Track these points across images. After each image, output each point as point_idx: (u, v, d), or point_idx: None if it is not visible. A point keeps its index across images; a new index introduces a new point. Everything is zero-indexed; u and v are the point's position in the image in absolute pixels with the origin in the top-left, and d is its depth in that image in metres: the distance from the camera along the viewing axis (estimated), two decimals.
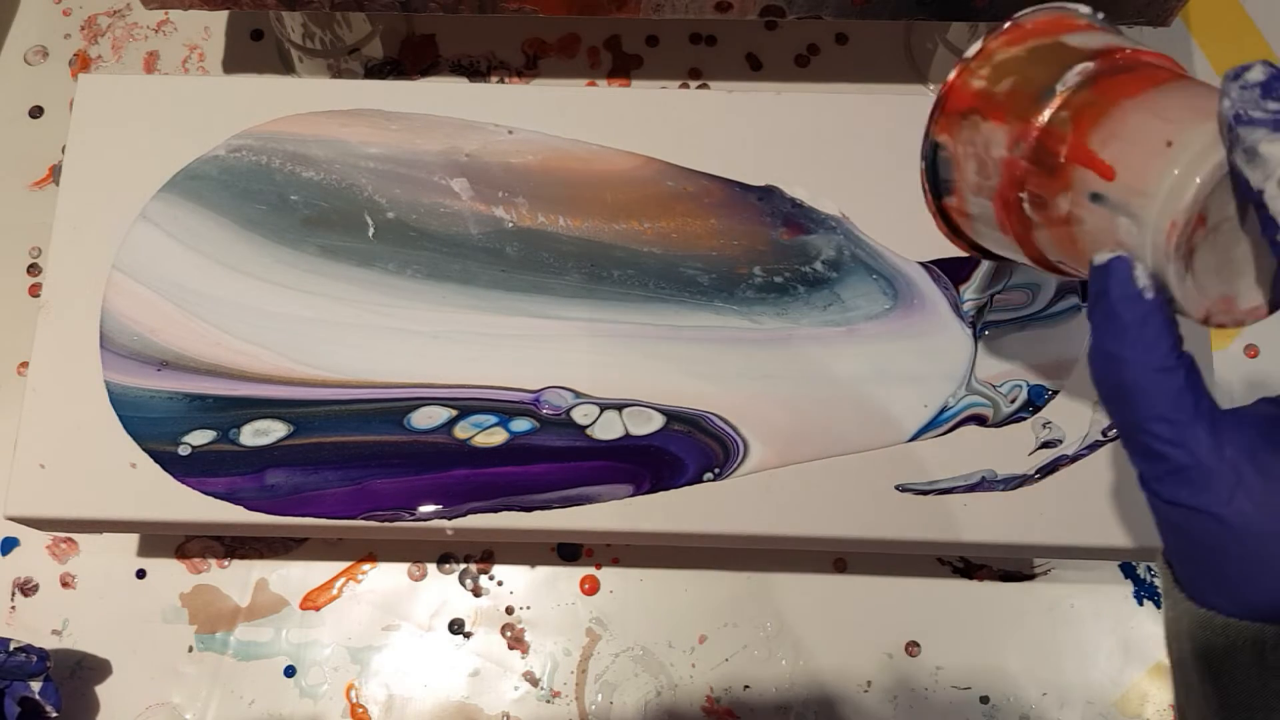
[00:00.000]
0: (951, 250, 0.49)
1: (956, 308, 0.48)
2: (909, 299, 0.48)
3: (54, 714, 0.50)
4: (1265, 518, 0.27)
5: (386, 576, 0.56)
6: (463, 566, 0.56)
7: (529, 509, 0.46)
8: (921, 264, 0.49)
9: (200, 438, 0.46)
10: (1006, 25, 0.33)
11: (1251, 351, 0.59)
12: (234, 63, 0.65)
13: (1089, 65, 0.30)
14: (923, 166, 0.35)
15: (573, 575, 0.56)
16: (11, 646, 0.49)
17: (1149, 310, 0.28)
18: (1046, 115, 0.30)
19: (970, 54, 0.33)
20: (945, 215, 0.36)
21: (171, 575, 0.56)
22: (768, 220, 0.50)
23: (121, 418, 0.46)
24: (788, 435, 0.46)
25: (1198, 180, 0.27)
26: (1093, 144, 0.29)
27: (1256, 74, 0.26)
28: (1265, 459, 0.28)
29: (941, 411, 0.47)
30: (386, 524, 0.46)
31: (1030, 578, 0.56)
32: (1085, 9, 0.33)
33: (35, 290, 0.60)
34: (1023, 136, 0.31)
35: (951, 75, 0.33)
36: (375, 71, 0.64)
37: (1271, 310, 0.30)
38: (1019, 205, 0.32)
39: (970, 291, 0.48)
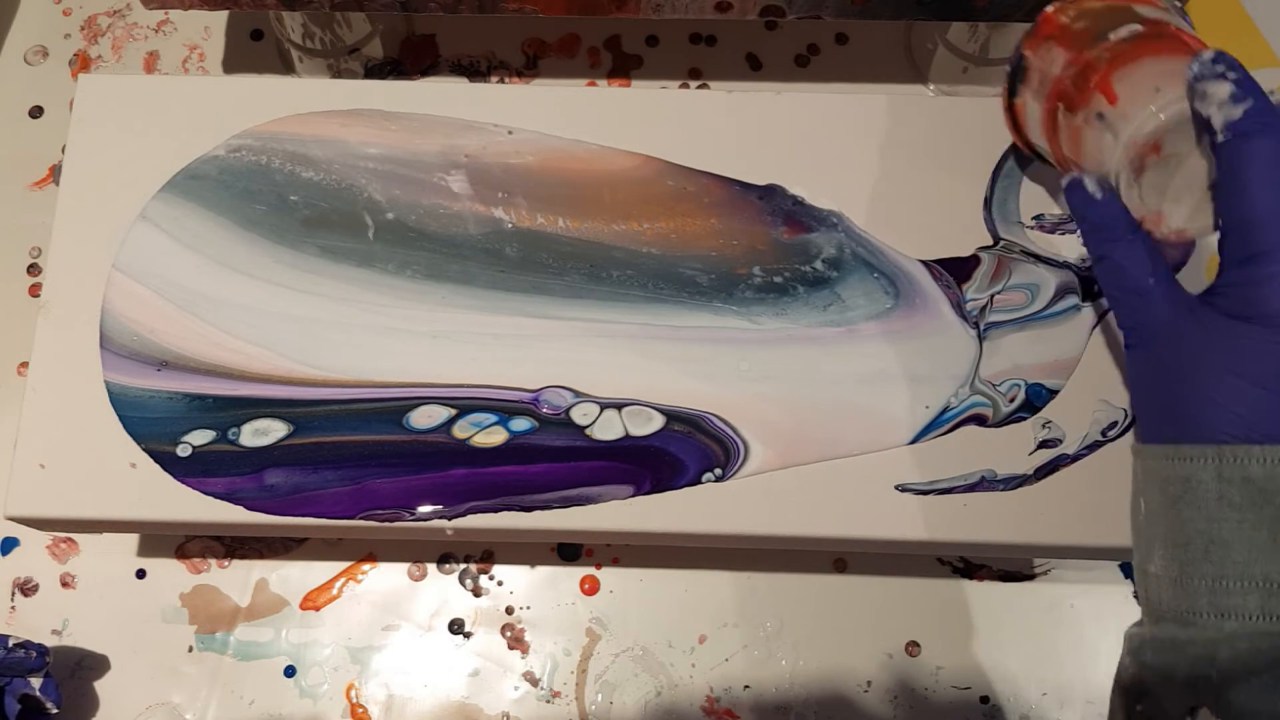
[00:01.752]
0: (951, 251, 0.49)
1: (959, 307, 0.48)
2: (911, 298, 0.48)
3: (54, 710, 0.50)
4: (1206, 355, 0.35)
5: (386, 576, 0.56)
6: (463, 566, 0.56)
7: (529, 509, 0.46)
8: (923, 263, 0.49)
9: (200, 437, 0.46)
10: None
11: None
12: (234, 63, 0.65)
13: (1138, 27, 0.40)
14: (1008, 70, 0.44)
15: (573, 575, 0.56)
16: (11, 643, 0.49)
17: (1104, 203, 0.38)
18: (1094, 52, 0.40)
19: None
20: (1012, 112, 0.45)
21: (171, 575, 0.56)
22: (768, 219, 0.50)
23: (121, 418, 0.46)
24: (788, 437, 0.46)
25: (1161, 115, 0.37)
26: (1113, 79, 0.39)
27: (1211, 54, 0.36)
28: (1203, 314, 0.36)
29: (943, 411, 0.47)
30: (386, 524, 0.46)
31: (1030, 578, 0.56)
32: None
33: (35, 290, 0.60)
34: (1073, 62, 0.41)
35: (1049, 9, 0.42)
36: (375, 71, 0.64)
37: (1197, 236, 0.39)
38: (1054, 112, 0.42)
39: (971, 291, 0.48)
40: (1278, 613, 0.33)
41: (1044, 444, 0.47)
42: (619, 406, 0.47)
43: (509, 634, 0.55)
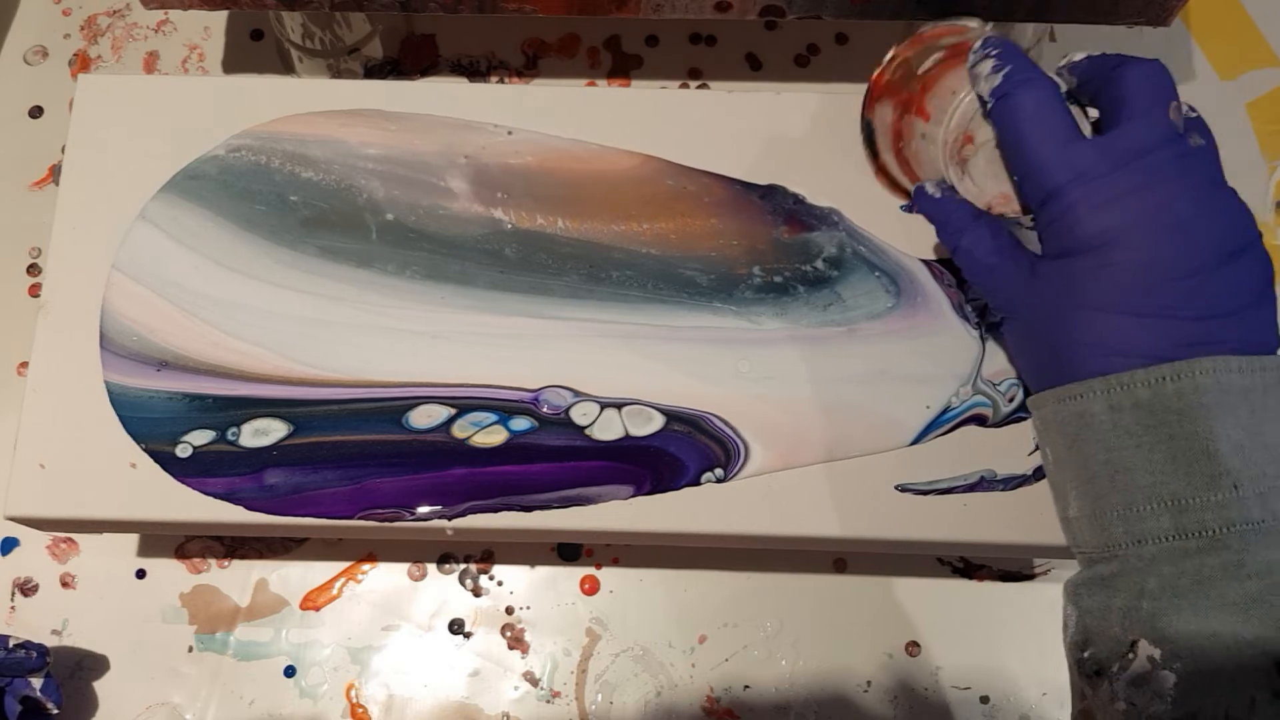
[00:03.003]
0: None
1: (960, 307, 0.48)
2: (913, 297, 0.48)
3: (54, 710, 0.50)
4: (1057, 302, 0.37)
5: (386, 576, 0.56)
6: (463, 566, 0.56)
7: (529, 509, 0.46)
8: (924, 261, 0.49)
9: (200, 437, 0.46)
10: (911, 36, 0.44)
11: None
12: (234, 63, 0.65)
13: (940, 54, 0.43)
14: (862, 140, 0.46)
15: (573, 575, 0.56)
16: (11, 643, 0.49)
17: (943, 200, 0.42)
18: (909, 88, 0.44)
19: (886, 59, 0.45)
20: (884, 174, 0.47)
21: (171, 575, 0.56)
22: (769, 218, 0.50)
23: (121, 418, 0.46)
24: (789, 438, 0.46)
25: (957, 111, 0.41)
26: (924, 101, 0.43)
27: (979, 41, 0.40)
28: (1041, 267, 0.38)
29: (945, 411, 0.47)
30: (386, 524, 0.46)
31: (1030, 578, 0.56)
32: (974, 21, 0.43)
33: (35, 290, 0.60)
34: (898, 105, 0.44)
35: (874, 74, 0.45)
36: (375, 71, 0.64)
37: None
38: (901, 152, 0.45)
39: (972, 291, 0.48)
40: (1191, 529, 0.34)
41: None
42: (619, 406, 0.47)
43: (509, 634, 0.55)
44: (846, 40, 0.65)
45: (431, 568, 0.56)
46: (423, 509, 0.46)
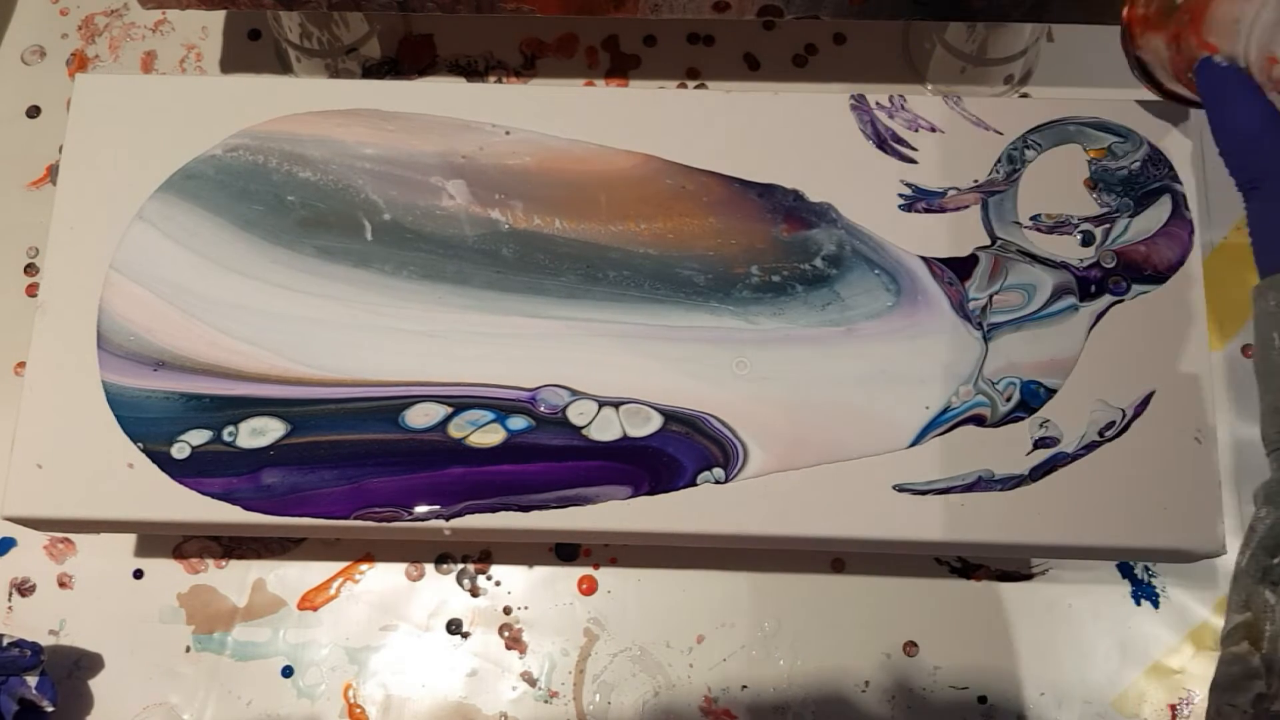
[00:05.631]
0: (949, 250, 0.49)
1: (961, 306, 0.48)
2: (913, 295, 0.48)
3: (50, 708, 0.50)
4: None
5: (384, 577, 0.56)
6: (460, 566, 0.56)
7: (526, 509, 0.46)
8: (924, 259, 0.49)
9: (197, 437, 0.46)
10: None
11: (1249, 351, 0.59)
12: (231, 62, 0.65)
13: None
14: (1137, 74, 0.49)
15: (571, 575, 0.56)
16: (5, 642, 0.49)
17: (1229, 69, 0.42)
18: (1177, 20, 0.44)
19: None
20: (1172, 96, 0.48)
21: (169, 575, 0.56)
22: (768, 216, 0.49)
23: (118, 418, 0.46)
24: (787, 440, 0.46)
25: (1254, 39, 0.41)
26: (1202, 32, 0.43)
27: None
28: None
29: (944, 411, 0.47)
30: (384, 524, 0.46)
31: (1028, 577, 0.56)
32: None
33: (32, 290, 0.60)
34: (1170, 38, 0.45)
35: (1125, 10, 0.47)
36: (373, 71, 0.64)
37: None
38: (1188, 79, 0.45)
39: (971, 291, 0.48)
40: None
41: (1040, 442, 0.47)
42: (616, 405, 0.47)
43: (507, 634, 0.55)
44: (844, 40, 0.65)
45: (429, 568, 0.56)
46: (420, 509, 0.46)
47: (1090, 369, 0.47)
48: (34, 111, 0.64)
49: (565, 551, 0.56)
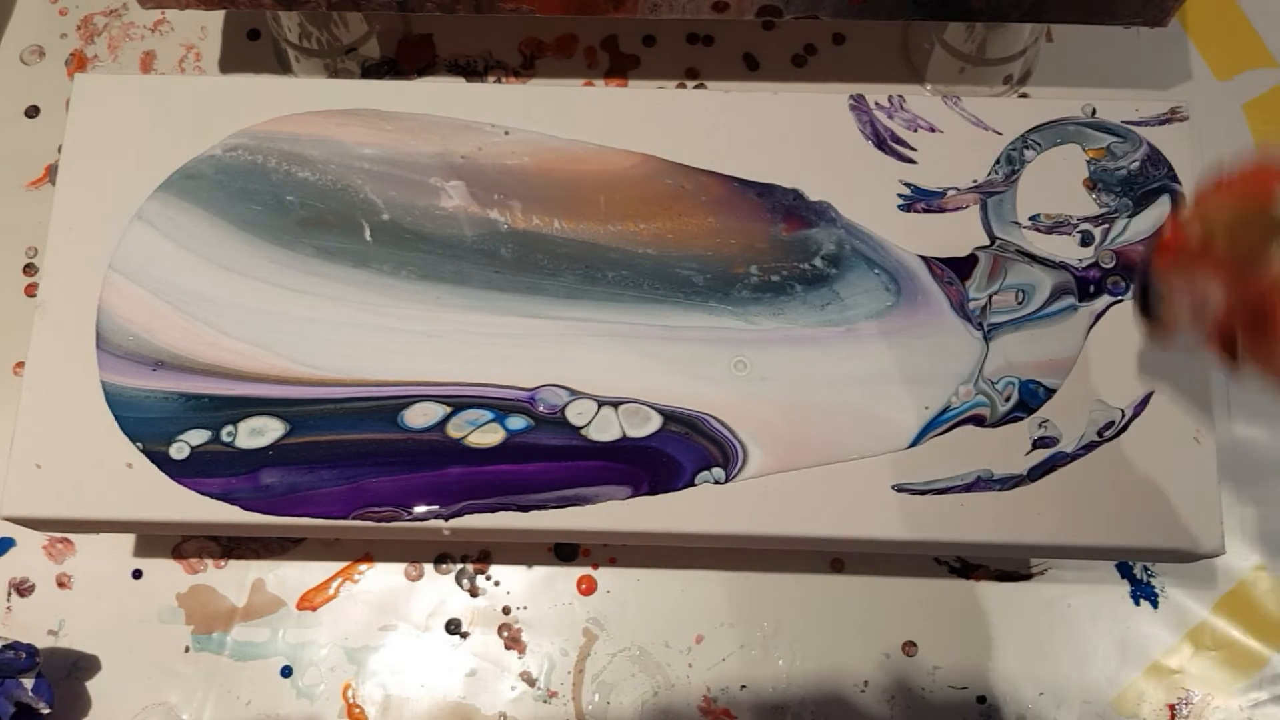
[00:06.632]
0: (948, 250, 0.49)
1: (961, 306, 0.48)
2: (913, 295, 0.48)
3: (46, 710, 0.50)
4: None
5: (383, 577, 0.56)
6: (460, 566, 0.56)
7: (526, 509, 0.46)
8: (924, 258, 0.49)
9: (196, 437, 0.46)
10: (1216, 181, 0.35)
11: None
12: (230, 62, 0.65)
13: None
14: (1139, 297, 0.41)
15: (570, 575, 0.56)
16: (0, 644, 0.49)
17: None
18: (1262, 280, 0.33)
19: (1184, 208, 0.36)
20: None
21: (168, 575, 0.56)
22: (767, 216, 0.49)
23: (118, 418, 0.46)
24: (787, 440, 0.46)
25: None
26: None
27: None
28: None
29: (943, 411, 0.47)
30: (383, 524, 0.46)
31: (1027, 577, 0.56)
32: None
33: (31, 290, 0.60)
34: (1243, 297, 0.34)
35: (1167, 230, 0.37)
36: (372, 71, 0.64)
37: None
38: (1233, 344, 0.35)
39: (971, 290, 0.48)
40: None
41: (1039, 442, 0.47)
42: (616, 405, 0.47)
43: (506, 634, 0.55)
44: (843, 40, 0.65)
45: (428, 568, 0.56)
46: (419, 509, 0.46)
47: (1089, 369, 0.48)
48: (33, 111, 0.64)
49: (564, 551, 0.56)
